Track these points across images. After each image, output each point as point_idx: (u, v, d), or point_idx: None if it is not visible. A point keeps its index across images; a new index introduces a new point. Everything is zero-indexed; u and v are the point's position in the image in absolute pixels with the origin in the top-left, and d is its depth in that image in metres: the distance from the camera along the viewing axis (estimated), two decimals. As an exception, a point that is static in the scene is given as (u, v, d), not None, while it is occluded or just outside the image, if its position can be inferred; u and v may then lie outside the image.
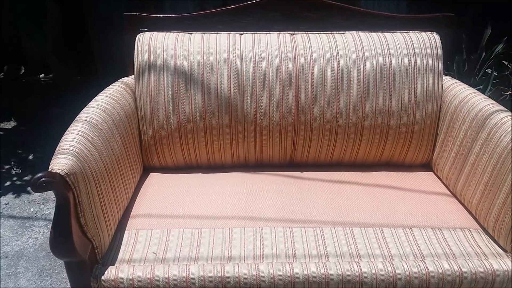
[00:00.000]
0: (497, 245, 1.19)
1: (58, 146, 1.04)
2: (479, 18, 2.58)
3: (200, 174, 1.48)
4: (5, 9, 2.94)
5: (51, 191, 0.95)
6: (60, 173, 0.94)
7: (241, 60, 1.43)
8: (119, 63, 1.60)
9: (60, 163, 0.97)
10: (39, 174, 0.90)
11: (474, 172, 1.28)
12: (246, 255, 1.11)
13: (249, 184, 1.40)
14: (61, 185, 0.93)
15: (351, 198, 1.34)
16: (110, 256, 1.11)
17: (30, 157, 2.55)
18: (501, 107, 1.30)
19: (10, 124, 2.95)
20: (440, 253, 1.14)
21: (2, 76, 3.53)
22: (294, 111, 1.44)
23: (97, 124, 1.18)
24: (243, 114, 1.43)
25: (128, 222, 1.22)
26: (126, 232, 1.18)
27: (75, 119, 1.18)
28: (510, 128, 1.19)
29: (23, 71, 3.54)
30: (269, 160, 1.53)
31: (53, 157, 1.00)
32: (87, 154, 1.06)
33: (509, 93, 2.14)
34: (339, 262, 1.09)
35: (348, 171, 1.51)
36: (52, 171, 0.94)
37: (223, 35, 1.48)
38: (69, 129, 1.12)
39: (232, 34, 1.49)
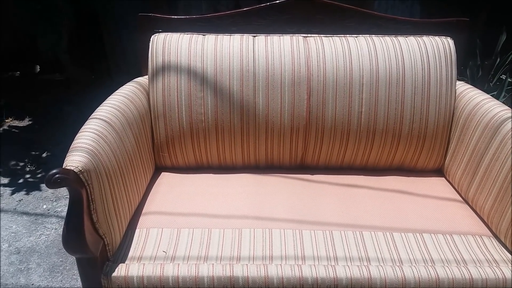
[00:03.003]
0: (509, 252, 1.17)
1: (72, 144, 1.06)
2: (493, 23, 2.55)
3: (211, 174, 1.49)
4: (21, 9, 2.99)
5: (64, 188, 0.97)
6: (74, 170, 0.95)
7: (253, 62, 1.44)
8: (132, 63, 1.63)
9: (74, 160, 0.98)
10: (54, 171, 0.91)
11: (486, 179, 1.27)
12: (255, 256, 1.11)
13: (259, 186, 1.41)
14: (75, 182, 0.94)
15: (361, 202, 1.34)
16: (120, 253, 1.12)
17: (44, 154, 2.58)
18: (515, 113, 1.28)
19: (24, 122, 2.99)
20: (450, 259, 1.13)
21: (18, 75, 3.58)
22: (306, 114, 1.44)
23: (111, 123, 1.19)
24: (255, 115, 1.44)
25: (139, 220, 1.23)
26: (137, 231, 1.19)
27: (90, 117, 1.20)
28: (524, 135, 1.17)
29: (38, 70, 3.59)
30: (280, 162, 1.53)
31: (68, 154, 1.01)
32: (100, 152, 1.07)
33: (524, 100, 2.12)
34: (348, 265, 1.08)
35: (359, 175, 1.50)
36: (66, 167, 0.95)
37: (236, 37, 1.49)
38: (83, 127, 1.14)
39: (245, 36, 1.50)
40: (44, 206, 2.11)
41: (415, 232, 1.21)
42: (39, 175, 2.36)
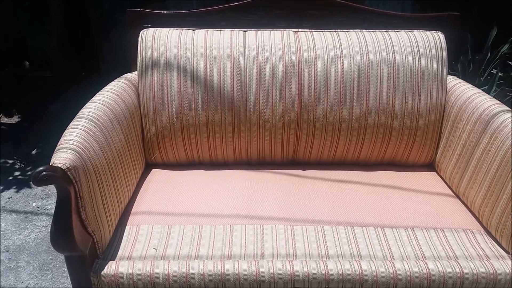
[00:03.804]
0: (500, 246, 1.18)
1: (60, 141, 1.04)
2: (484, 17, 2.56)
3: (202, 171, 1.48)
4: (9, 6, 2.95)
5: (53, 186, 0.95)
6: (62, 167, 0.94)
7: (244, 57, 1.43)
8: (123, 60, 1.61)
9: (61, 157, 0.97)
10: (41, 168, 0.90)
11: (477, 173, 1.27)
12: (247, 253, 1.11)
13: (251, 182, 1.40)
14: (63, 179, 0.93)
15: (353, 197, 1.33)
16: (110, 251, 1.11)
17: (33, 152, 2.56)
18: (506, 108, 1.28)
19: (13, 120, 2.96)
20: (441, 254, 1.13)
21: (6, 72, 3.54)
22: (297, 109, 1.43)
23: (99, 119, 1.18)
24: (246, 111, 1.43)
25: (129, 217, 1.22)
26: (127, 228, 1.18)
27: (78, 114, 1.18)
28: (515, 129, 1.18)
29: (27, 67, 3.54)
30: (272, 158, 1.53)
31: (55, 152, 1.00)
32: (89, 149, 1.06)
33: (514, 94, 2.13)
34: (339, 261, 1.08)
35: (351, 170, 1.50)
36: (53, 165, 0.94)
37: (226, 32, 1.47)
38: (71, 124, 1.12)
39: (235, 31, 1.49)
40: (34, 204, 2.09)
41: (407, 228, 1.21)
42: (29, 173, 2.34)
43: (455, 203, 1.35)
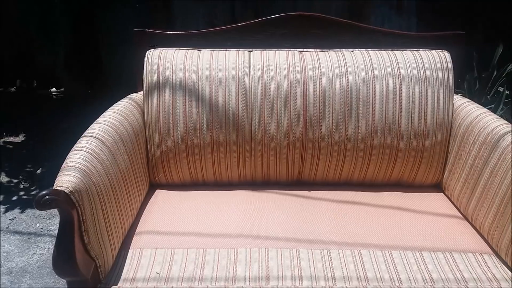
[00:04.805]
0: (510, 270, 1.15)
1: (64, 163, 1.04)
2: (490, 35, 2.56)
3: (207, 191, 1.46)
4: (18, 24, 2.99)
5: (56, 208, 0.94)
6: (65, 190, 0.93)
7: (249, 77, 1.43)
8: (130, 78, 1.62)
9: (65, 180, 0.96)
10: (43, 192, 0.89)
11: (486, 194, 1.25)
12: (251, 277, 1.09)
13: (256, 203, 1.38)
14: (66, 202, 0.92)
15: (359, 219, 1.31)
16: (113, 275, 1.09)
17: (38, 171, 2.56)
18: (514, 128, 1.27)
19: (19, 138, 2.97)
20: (450, 277, 1.11)
21: (14, 90, 3.57)
22: (302, 129, 1.43)
23: (104, 141, 1.18)
24: (251, 131, 1.42)
25: (133, 240, 1.21)
26: (130, 251, 1.17)
27: (82, 135, 1.18)
28: (523, 150, 1.16)
29: (35, 85, 3.58)
30: (276, 178, 1.51)
31: (58, 174, 0.99)
32: (92, 171, 1.05)
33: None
34: (346, 286, 1.06)
35: (357, 190, 1.48)
36: (56, 188, 0.93)
37: (232, 52, 1.48)
38: (75, 145, 1.12)
39: (241, 51, 1.49)
40: (38, 225, 2.08)
41: (414, 250, 1.19)
42: (33, 192, 2.33)
43: (464, 225, 1.32)
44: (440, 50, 1.51)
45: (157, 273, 1.09)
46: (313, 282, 1.08)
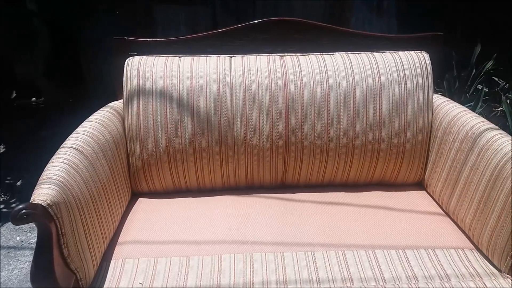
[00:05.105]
0: (492, 265, 1.17)
1: (41, 176, 1.02)
2: (468, 35, 2.60)
3: (190, 198, 1.46)
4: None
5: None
6: (42, 204, 0.92)
7: (231, 82, 1.43)
8: (111, 85, 1.60)
9: (42, 193, 0.95)
10: (20, 206, 0.87)
11: (466, 191, 1.27)
12: (236, 283, 1.08)
13: (240, 208, 1.38)
14: (43, 216, 0.91)
15: (343, 219, 1.32)
16: (95, 287, 1.07)
17: (18, 183, 2.51)
18: (492, 125, 1.29)
19: (-1, 150, 2.92)
20: (433, 274, 1.12)
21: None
22: (285, 133, 1.43)
23: (82, 151, 1.16)
24: (233, 136, 1.42)
25: (115, 250, 1.19)
26: (112, 262, 1.15)
27: (61, 146, 1.16)
28: (501, 146, 1.18)
29: (14, 95, 3.52)
30: (260, 182, 1.51)
31: (36, 187, 0.98)
32: (71, 183, 1.04)
33: (500, 109, 2.14)
34: (331, 287, 1.06)
35: (340, 191, 1.49)
36: (33, 202, 0.92)
37: (212, 58, 1.48)
38: (53, 157, 1.10)
39: (222, 57, 1.49)
40: (18, 238, 2.04)
41: (398, 249, 1.20)
42: (14, 205, 2.29)
43: (446, 222, 1.34)
44: (419, 51, 1.53)
45: (140, 283, 1.07)
46: (298, 285, 1.08)
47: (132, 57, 1.49)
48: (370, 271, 1.12)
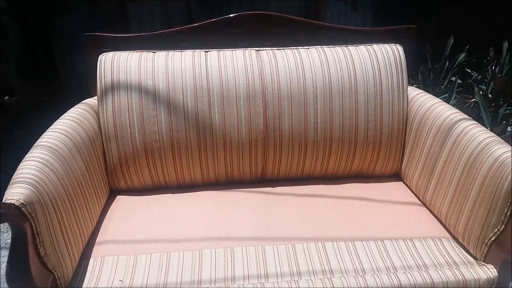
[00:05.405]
0: (468, 253, 1.19)
1: (14, 175, 1.00)
2: (442, 28, 2.65)
3: (170, 194, 1.44)
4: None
5: (7, 222, 0.90)
6: (15, 203, 0.89)
7: (207, 77, 1.42)
8: (86, 82, 1.57)
9: (15, 192, 0.92)
10: (-8, 206, 0.85)
11: (442, 181, 1.29)
12: (217, 278, 1.08)
13: (220, 203, 1.38)
14: (17, 216, 0.88)
15: (323, 212, 1.33)
16: (73, 286, 1.06)
17: (-7, 183, 2.45)
18: (465, 116, 1.32)
19: (-28, 150, 2.83)
20: (412, 264, 1.14)
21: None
22: (263, 127, 1.43)
23: (57, 149, 1.14)
24: (212, 131, 1.41)
25: (94, 248, 1.17)
26: (91, 260, 1.13)
27: (34, 145, 1.13)
28: (474, 137, 1.20)
29: (-14, 94, 3.43)
30: (240, 177, 1.51)
31: (8, 187, 0.95)
32: (45, 182, 1.01)
33: (473, 100, 2.19)
34: (311, 279, 1.07)
35: (319, 184, 1.50)
36: (6, 201, 0.89)
37: (188, 53, 1.46)
38: (27, 156, 1.08)
39: (197, 51, 1.48)
40: (-6, 239, 1.99)
41: (376, 240, 1.21)
42: (-12, 206, 2.22)
43: (423, 212, 1.36)
44: (393, 44, 1.55)
45: (120, 280, 1.06)
46: (279, 279, 1.08)
47: (105, 53, 1.46)
48: (350, 263, 1.13)
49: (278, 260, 1.13)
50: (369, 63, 1.48)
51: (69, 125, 1.26)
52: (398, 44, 1.55)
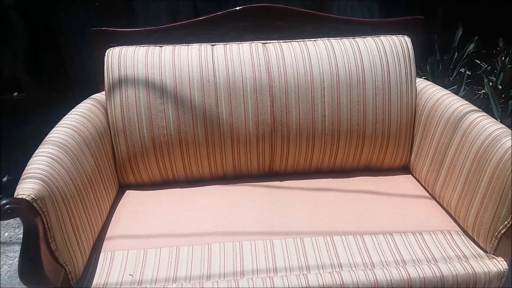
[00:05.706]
0: (477, 246, 1.19)
1: (25, 170, 1.01)
2: (450, 18, 2.62)
3: (178, 189, 1.45)
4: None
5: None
6: (27, 198, 0.90)
7: (213, 71, 1.41)
8: (93, 78, 1.58)
9: (26, 187, 0.93)
10: (4, 201, 0.86)
11: (451, 173, 1.28)
12: (226, 272, 1.08)
13: (228, 197, 1.38)
14: (28, 211, 0.89)
15: (331, 205, 1.33)
16: (84, 280, 1.07)
17: (4, 179, 2.47)
18: (474, 107, 1.31)
19: (-19, 146, 2.86)
20: (421, 258, 1.14)
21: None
22: (270, 120, 1.43)
23: (66, 145, 1.14)
24: (219, 125, 1.41)
25: (104, 243, 1.18)
26: (102, 254, 1.14)
27: (44, 140, 1.14)
28: (484, 128, 1.19)
29: (-5, 91, 3.45)
30: (248, 171, 1.51)
31: (19, 182, 0.96)
32: (55, 177, 1.02)
33: (483, 92, 2.17)
34: (320, 273, 1.07)
35: (327, 177, 1.50)
36: (17, 197, 0.90)
37: (194, 47, 1.46)
38: (36, 151, 1.09)
39: (203, 45, 1.47)
40: (6, 234, 2.01)
41: (385, 233, 1.21)
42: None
43: (432, 205, 1.35)
44: (401, 35, 1.54)
45: (130, 275, 1.07)
46: (287, 272, 1.09)
47: (112, 48, 1.46)
48: (358, 256, 1.13)
49: (286, 254, 1.14)
50: (377, 55, 1.46)
51: (77, 120, 1.27)
52: (406, 36, 1.54)
